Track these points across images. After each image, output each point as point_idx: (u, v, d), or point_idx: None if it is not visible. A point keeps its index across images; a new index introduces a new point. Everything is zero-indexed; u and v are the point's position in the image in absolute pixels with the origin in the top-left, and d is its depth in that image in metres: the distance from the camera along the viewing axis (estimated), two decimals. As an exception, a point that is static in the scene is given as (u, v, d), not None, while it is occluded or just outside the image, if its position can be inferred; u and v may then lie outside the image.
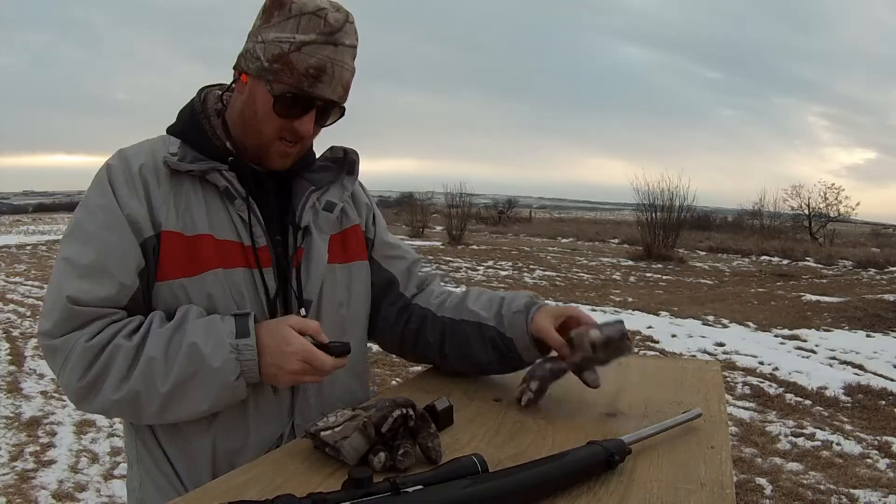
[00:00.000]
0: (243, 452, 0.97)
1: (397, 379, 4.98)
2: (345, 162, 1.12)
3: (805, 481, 3.44)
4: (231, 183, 0.97)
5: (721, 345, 6.36)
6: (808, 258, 17.17)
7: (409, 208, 26.44)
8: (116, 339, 0.89)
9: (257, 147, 1.00)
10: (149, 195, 0.94)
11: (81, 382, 0.89)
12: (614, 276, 12.30)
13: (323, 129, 1.03)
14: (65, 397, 4.50)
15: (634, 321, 7.33)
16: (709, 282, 11.92)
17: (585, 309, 7.14)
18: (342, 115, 1.01)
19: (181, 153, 0.97)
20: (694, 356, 5.82)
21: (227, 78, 1.05)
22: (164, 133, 1.03)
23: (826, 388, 5.00)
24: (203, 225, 0.95)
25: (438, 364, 1.20)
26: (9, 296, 8.89)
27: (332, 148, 1.13)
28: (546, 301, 1.12)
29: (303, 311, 1.00)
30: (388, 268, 1.17)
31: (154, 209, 0.94)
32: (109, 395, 0.88)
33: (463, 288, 1.21)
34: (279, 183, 1.05)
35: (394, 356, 5.67)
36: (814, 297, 9.91)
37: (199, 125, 1.01)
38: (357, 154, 1.13)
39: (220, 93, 1.05)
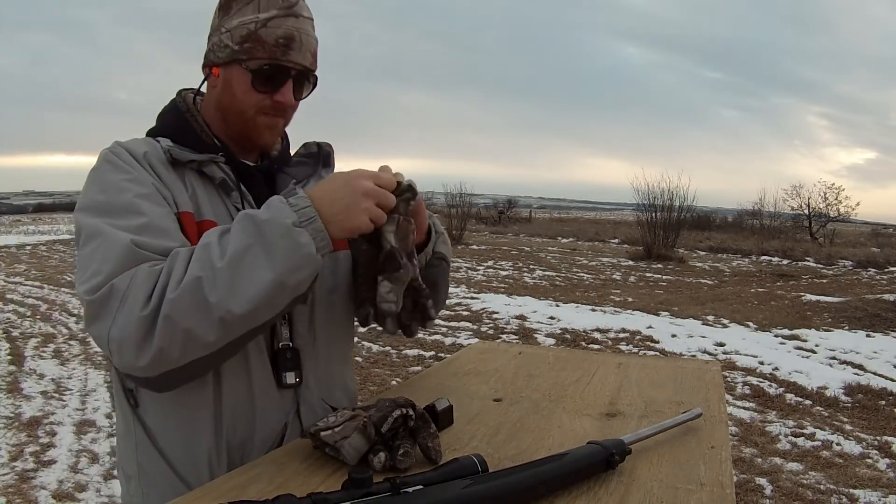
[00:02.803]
0: (250, 444, 0.96)
1: (397, 379, 4.98)
2: (319, 155, 1.13)
3: (805, 481, 3.45)
4: (227, 174, 0.99)
5: (721, 345, 6.36)
6: (808, 258, 17.18)
7: (409, 208, 26.33)
8: (175, 251, 0.84)
9: (242, 129, 1.01)
10: (160, 178, 0.94)
11: (146, 309, 0.79)
12: (614, 276, 12.30)
13: (325, 130, 1.03)
14: (65, 396, 4.51)
15: (634, 321, 7.34)
16: (709, 282, 11.92)
17: (585, 309, 7.08)
18: (315, 86, 1.03)
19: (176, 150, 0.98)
20: (694, 356, 5.83)
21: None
22: (145, 136, 1.02)
23: (826, 388, 5.00)
24: (208, 212, 0.96)
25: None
26: (9, 296, 8.90)
27: (305, 144, 1.14)
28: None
29: None
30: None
31: (169, 191, 0.94)
32: (171, 295, 0.79)
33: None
34: (265, 178, 1.06)
35: (393, 356, 5.66)
36: (814, 297, 9.92)
37: (186, 123, 1.02)
38: (331, 146, 1.14)
39: (193, 96, 1.06)
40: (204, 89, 1.05)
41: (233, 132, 1.02)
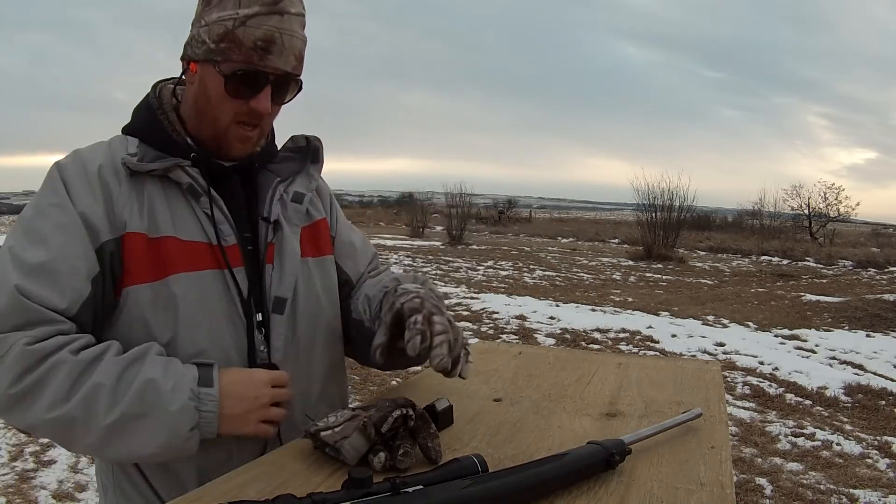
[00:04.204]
0: (228, 466, 0.89)
1: (397, 379, 4.98)
2: (308, 150, 1.07)
3: (805, 481, 3.44)
4: (195, 179, 0.92)
5: (721, 345, 6.36)
6: (808, 258, 17.18)
7: (409, 208, 26.49)
8: (62, 353, 0.80)
9: (214, 136, 0.94)
10: (109, 196, 0.88)
11: (12, 389, 0.79)
12: (614, 276, 12.30)
13: (324, 130, 1.01)
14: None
15: (634, 321, 7.34)
16: (709, 282, 11.91)
17: (585, 309, 7.05)
18: (300, 89, 0.95)
19: (141, 153, 0.92)
20: (694, 356, 5.83)
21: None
22: (120, 132, 0.97)
23: (826, 388, 5.00)
24: (167, 227, 0.90)
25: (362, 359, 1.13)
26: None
27: (293, 137, 1.07)
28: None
29: (265, 352, 0.95)
30: (345, 269, 1.12)
31: (115, 211, 0.88)
32: (41, 413, 0.79)
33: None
34: (245, 177, 1.00)
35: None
36: (814, 297, 9.91)
37: (156, 122, 0.95)
38: (320, 140, 1.07)
39: (172, 87, 0.99)
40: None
41: (206, 136, 0.95)
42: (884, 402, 4.74)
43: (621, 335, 6.67)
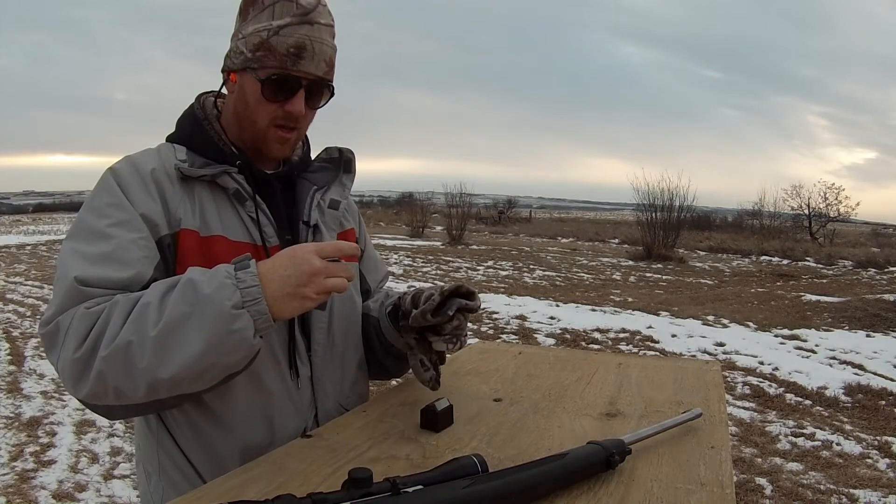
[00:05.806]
0: (270, 447, 0.95)
1: (398, 379, 4.99)
2: (341, 161, 1.14)
3: (805, 481, 3.44)
4: (241, 185, 0.98)
5: (721, 345, 6.36)
6: (808, 258, 17.18)
7: (409, 208, 26.49)
8: (117, 296, 0.84)
9: (254, 139, 1.00)
10: (164, 195, 0.94)
11: (78, 353, 0.80)
12: (614, 276, 12.30)
13: (324, 131, 1.05)
14: (65, 396, 4.51)
15: (634, 321, 7.34)
16: (709, 282, 11.92)
17: (585, 309, 7.04)
18: (332, 95, 1.02)
19: (190, 160, 0.98)
20: (694, 356, 5.83)
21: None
22: (164, 141, 1.03)
23: (826, 388, 4.99)
24: (217, 226, 0.96)
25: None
26: (9, 296, 8.89)
27: (326, 149, 1.15)
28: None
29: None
30: (367, 279, 1.22)
31: (170, 208, 0.94)
32: (103, 352, 0.79)
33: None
34: (284, 184, 1.06)
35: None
36: (814, 297, 9.91)
37: (204, 131, 1.01)
38: (352, 152, 1.15)
39: (213, 99, 1.06)
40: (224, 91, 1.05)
41: (246, 140, 1.02)
42: (884, 402, 4.74)
43: (621, 335, 6.67)
